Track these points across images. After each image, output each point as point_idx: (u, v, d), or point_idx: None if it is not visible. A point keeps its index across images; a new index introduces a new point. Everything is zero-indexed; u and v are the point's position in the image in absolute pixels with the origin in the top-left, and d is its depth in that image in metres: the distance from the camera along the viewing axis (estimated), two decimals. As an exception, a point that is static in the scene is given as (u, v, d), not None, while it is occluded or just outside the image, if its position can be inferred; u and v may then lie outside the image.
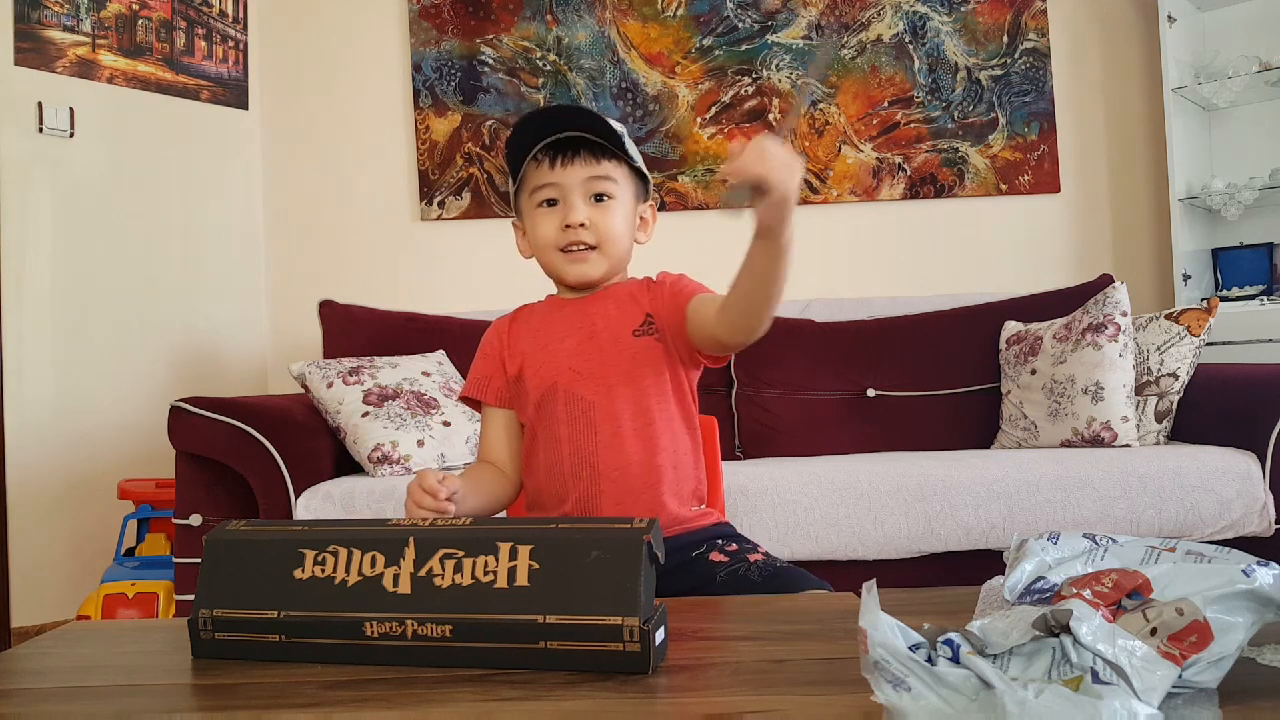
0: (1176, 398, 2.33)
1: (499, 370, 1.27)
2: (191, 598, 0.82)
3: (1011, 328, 2.63)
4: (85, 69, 2.80)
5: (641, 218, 1.26)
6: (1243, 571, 0.61)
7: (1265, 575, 0.61)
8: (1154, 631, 0.58)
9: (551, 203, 1.20)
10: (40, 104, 2.70)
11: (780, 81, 3.14)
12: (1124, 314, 2.37)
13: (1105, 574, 0.64)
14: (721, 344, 1.16)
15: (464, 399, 1.31)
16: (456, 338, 2.64)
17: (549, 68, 3.17)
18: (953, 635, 0.59)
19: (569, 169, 1.18)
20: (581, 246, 1.19)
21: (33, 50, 2.70)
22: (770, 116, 3.13)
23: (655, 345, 1.20)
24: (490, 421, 1.29)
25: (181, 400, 2.13)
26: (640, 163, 1.24)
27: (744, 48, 3.16)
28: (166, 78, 2.97)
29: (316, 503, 2.06)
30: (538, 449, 1.23)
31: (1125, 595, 0.62)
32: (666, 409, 1.21)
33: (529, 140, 1.20)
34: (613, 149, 1.20)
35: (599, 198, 1.19)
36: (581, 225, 1.18)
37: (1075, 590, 0.62)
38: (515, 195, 1.25)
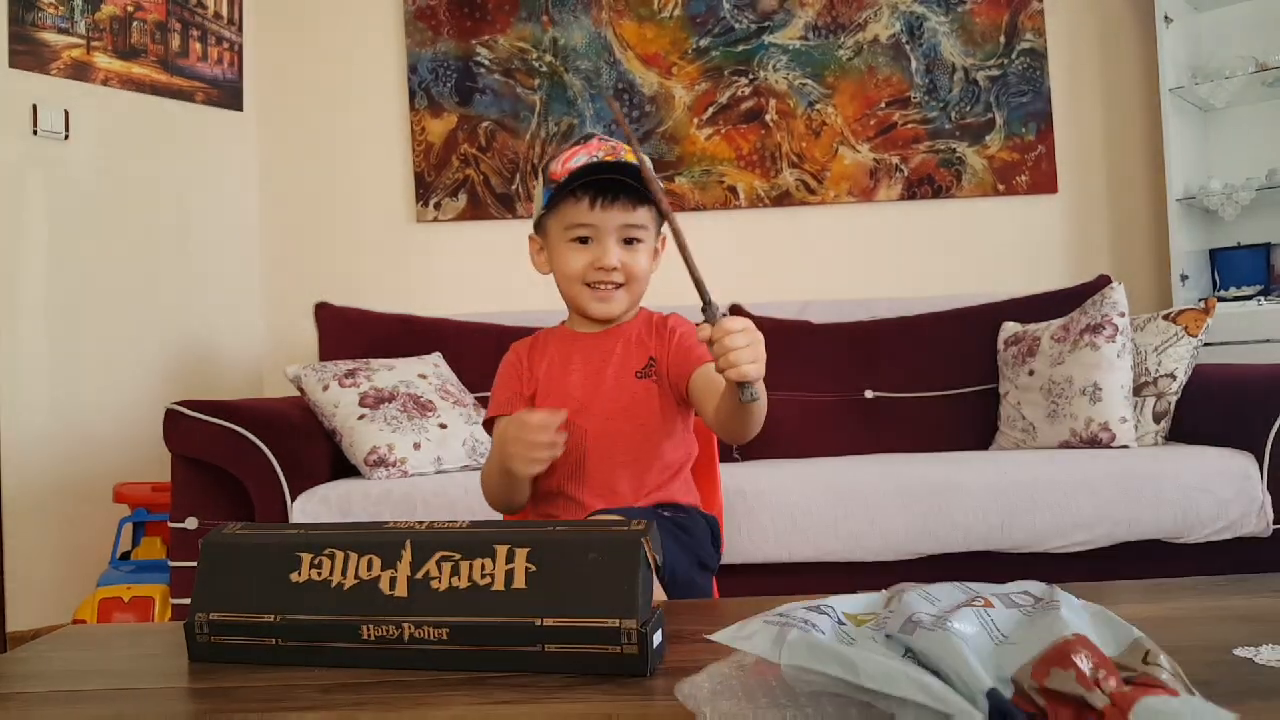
0: (1174, 398, 2.33)
1: (519, 394, 1.32)
2: (187, 601, 0.81)
3: (1009, 328, 2.63)
4: (80, 71, 2.79)
5: (655, 249, 1.32)
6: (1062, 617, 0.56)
7: (1072, 614, 0.57)
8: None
9: (583, 240, 1.25)
10: (35, 106, 2.69)
11: (777, 83, 3.14)
12: (1122, 314, 2.37)
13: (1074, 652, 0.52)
14: (710, 428, 1.24)
15: (487, 423, 1.35)
16: (453, 340, 2.64)
17: (545, 69, 3.16)
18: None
19: (608, 212, 1.22)
20: (611, 285, 1.25)
21: (27, 52, 2.69)
22: (765, 117, 3.13)
23: (653, 387, 1.27)
24: None
25: (177, 403, 2.12)
26: (665, 204, 1.26)
27: (740, 48, 3.16)
28: (161, 79, 2.96)
29: (313, 506, 2.06)
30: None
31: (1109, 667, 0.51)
32: (663, 443, 1.27)
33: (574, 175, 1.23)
34: (647, 196, 1.24)
35: (629, 241, 1.25)
36: (614, 269, 1.24)
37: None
38: (542, 217, 1.29)
